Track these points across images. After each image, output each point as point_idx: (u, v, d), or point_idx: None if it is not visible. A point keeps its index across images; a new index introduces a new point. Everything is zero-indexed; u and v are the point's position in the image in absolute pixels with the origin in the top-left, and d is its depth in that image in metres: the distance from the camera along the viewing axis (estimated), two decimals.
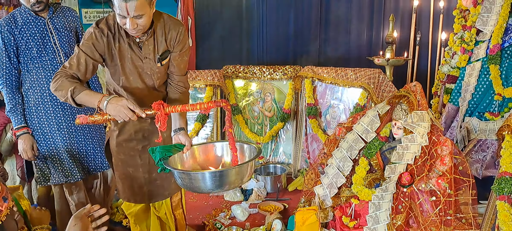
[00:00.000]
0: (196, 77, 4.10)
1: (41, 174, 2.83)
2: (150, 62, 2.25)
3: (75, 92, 2.01)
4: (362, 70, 3.66)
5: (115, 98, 1.94)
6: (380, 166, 2.75)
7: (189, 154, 2.20)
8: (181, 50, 2.29)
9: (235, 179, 1.98)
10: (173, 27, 2.24)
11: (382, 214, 2.44)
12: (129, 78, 2.27)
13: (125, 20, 2.01)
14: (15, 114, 2.72)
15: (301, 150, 4.02)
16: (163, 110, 1.94)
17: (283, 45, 4.84)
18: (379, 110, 2.79)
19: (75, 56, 2.13)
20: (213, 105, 1.96)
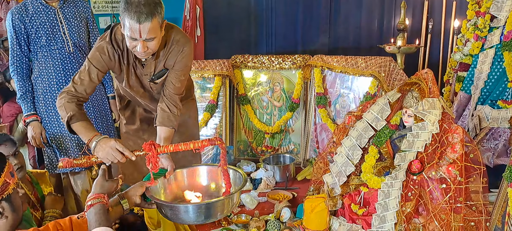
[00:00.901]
0: (205, 67, 4.09)
1: (49, 161, 2.87)
2: (147, 78, 2.28)
3: (72, 119, 2.02)
4: (373, 58, 3.62)
5: (104, 139, 1.91)
6: (390, 154, 2.72)
7: (173, 179, 2.14)
8: (179, 70, 2.23)
9: (221, 211, 1.92)
10: (177, 45, 2.19)
11: (391, 202, 2.41)
12: (132, 87, 2.34)
13: (136, 43, 1.99)
14: (25, 101, 2.75)
15: (310, 140, 4.00)
16: (155, 151, 1.88)
17: (292, 34, 4.80)
18: (389, 98, 2.76)
19: (86, 71, 2.14)
20: (207, 144, 1.89)
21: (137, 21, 1.90)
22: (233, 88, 4.17)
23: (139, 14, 1.89)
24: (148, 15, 1.90)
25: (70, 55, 2.79)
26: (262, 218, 2.90)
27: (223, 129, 4.10)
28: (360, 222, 2.53)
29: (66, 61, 2.78)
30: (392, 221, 2.39)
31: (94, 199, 1.71)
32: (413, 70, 4.26)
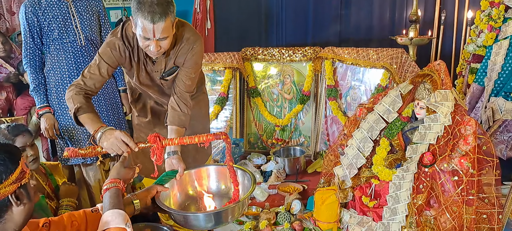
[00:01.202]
0: (215, 60, 4.09)
1: (61, 153, 2.90)
2: (158, 75, 2.28)
3: (79, 111, 2.01)
4: (384, 50, 3.59)
5: (110, 130, 1.90)
6: (402, 146, 2.70)
7: (184, 180, 2.14)
8: (189, 68, 2.22)
9: (232, 216, 1.92)
10: (187, 43, 2.19)
11: (402, 194, 2.40)
12: (142, 83, 2.34)
13: (149, 42, 1.99)
14: (38, 93, 2.78)
15: (320, 132, 3.99)
16: (160, 144, 1.87)
17: (302, 26, 4.78)
18: (401, 90, 2.74)
19: (96, 65, 2.15)
20: (212, 138, 1.87)
21: (151, 21, 1.90)
22: (243, 81, 4.17)
23: (153, 14, 1.89)
24: (162, 15, 1.90)
25: (82, 49, 2.81)
26: (273, 210, 2.91)
27: (233, 121, 4.11)
28: (371, 214, 2.52)
29: (78, 55, 2.80)
30: (403, 213, 2.38)
31: (110, 183, 1.76)
32: (425, 62, 4.21)
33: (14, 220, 1.32)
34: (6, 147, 1.34)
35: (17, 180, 1.30)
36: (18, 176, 1.30)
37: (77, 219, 1.65)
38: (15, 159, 1.31)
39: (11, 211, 1.30)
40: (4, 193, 1.27)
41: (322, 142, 3.97)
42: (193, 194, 2.17)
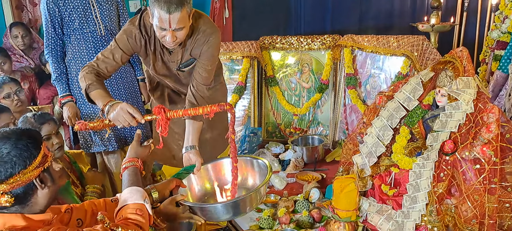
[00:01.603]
0: (233, 49, 4.09)
1: (84, 141, 2.95)
2: (174, 66, 2.30)
3: (90, 88, 2.05)
4: (405, 37, 3.52)
5: (117, 103, 1.93)
6: (422, 134, 2.66)
7: (200, 175, 2.15)
8: (205, 60, 2.22)
9: (250, 206, 1.94)
10: (203, 35, 2.19)
11: (423, 182, 2.37)
12: (158, 72, 2.37)
13: (165, 33, 2.01)
14: (60, 83, 2.83)
15: (339, 121, 3.96)
16: (164, 115, 1.88)
17: (321, 14, 4.73)
18: (422, 78, 2.69)
19: (110, 50, 2.18)
20: (217, 109, 1.86)
21: (167, 12, 1.91)
22: (261, 70, 4.16)
23: (169, 4, 1.90)
24: (178, 5, 1.91)
25: (101, 39, 2.85)
26: (291, 198, 2.91)
27: (251, 110, 4.11)
28: (390, 203, 2.51)
29: (98, 44, 2.83)
30: (423, 202, 2.36)
31: (128, 162, 1.82)
32: (447, 50, 4.12)
33: (39, 203, 1.36)
34: (27, 132, 1.36)
35: (40, 164, 1.33)
36: (41, 160, 1.33)
37: (97, 206, 1.68)
38: (37, 143, 1.34)
39: (36, 194, 1.34)
40: (29, 177, 1.30)
41: (340, 131, 3.94)
42: (211, 188, 2.19)
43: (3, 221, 1.28)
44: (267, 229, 2.61)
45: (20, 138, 1.31)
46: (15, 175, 1.27)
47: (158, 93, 2.62)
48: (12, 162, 1.27)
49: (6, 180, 1.26)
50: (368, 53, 3.72)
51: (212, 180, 2.21)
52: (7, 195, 1.27)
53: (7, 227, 1.27)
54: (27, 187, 1.31)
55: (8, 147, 1.28)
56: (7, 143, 1.28)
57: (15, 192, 1.29)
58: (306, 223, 2.62)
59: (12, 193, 1.28)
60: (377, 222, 2.46)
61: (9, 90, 2.94)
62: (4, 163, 1.26)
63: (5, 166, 1.26)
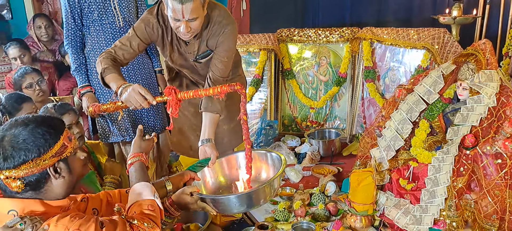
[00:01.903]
0: (250, 41, 4.08)
1: (102, 131, 2.98)
2: (191, 57, 2.30)
3: (105, 71, 2.07)
4: (426, 30, 3.46)
5: (129, 85, 1.94)
6: (442, 128, 2.61)
7: (214, 169, 2.16)
8: (221, 51, 2.21)
9: (264, 198, 1.93)
10: (219, 26, 2.17)
11: (442, 177, 2.33)
12: (175, 63, 2.38)
13: (179, 24, 2.01)
14: (79, 73, 2.86)
15: (356, 115, 3.92)
16: (175, 96, 1.88)
17: (339, 6, 4.67)
18: (443, 71, 2.63)
19: (128, 38, 2.20)
20: (227, 89, 1.87)
21: (180, 2, 1.92)
22: (278, 62, 4.14)
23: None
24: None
25: (120, 30, 2.86)
26: (307, 191, 2.90)
27: (268, 103, 4.09)
28: (408, 197, 2.47)
29: (117, 36, 2.84)
30: (442, 196, 2.32)
31: (133, 157, 1.83)
32: (469, 43, 4.02)
33: (55, 192, 1.36)
34: (49, 121, 1.37)
35: (57, 154, 1.33)
36: (58, 150, 1.33)
37: (112, 197, 1.70)
38: (56, 133, 1.34)
39: (50, 182, 1.34)
40: (43, 165, 1.30)
41: (358, 124, 3.90)
42: (224, 182, 2.19)
43: (22, 206, 1.29)
44: (283, 221, 2.60)
45: (39, 125, 1.31)
46: (28, 162, 1.28)
47: (177, 84, 2.63)
48: (27, 149, 1.28)
49: (19, 166, 1.27)
50: (388, 46, 3.66)
51: (226, 174, 2.21)
52: (19, 181, 1.28)
53: (26, 212, 1.29)
54: (40, 175, 1.31)
55: (25, 134, 1.29)
56: (25, 129, 1.29)
57: (28, 179, 1.30)
58: (322, 216, 2.60)
59: (24, 179, 1.29)
60: (395, 216, 2.42)
61: (31, 80, 2.98)
62: (19, 149, 1.27)
63: (19, 152, 1.27)
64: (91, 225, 1.30)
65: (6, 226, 1.24)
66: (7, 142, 1.28)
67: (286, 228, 2.51)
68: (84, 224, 1.29)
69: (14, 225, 1.23)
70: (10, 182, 1.28)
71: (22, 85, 2.99)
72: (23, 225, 1.23)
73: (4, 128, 1.32)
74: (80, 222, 1.28)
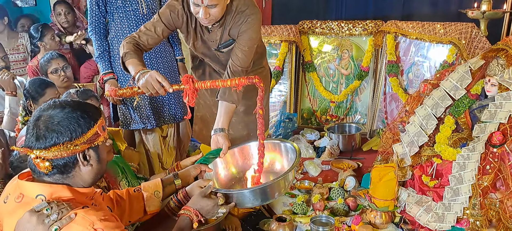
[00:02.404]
0: (272, 33, 4.04)
1: (123, 118, 3.00)
2: (213, 46, 2.29)
3: (126, 56, 2.08)
4: (453, 24, 3.37)
5: (147, 71, 1.94)
6: (468, 125, 2.54)
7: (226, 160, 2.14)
8: (242, 41, 2.18)
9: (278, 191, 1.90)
10: (241, 15, 2.15)
11: (467, 174, 2.26)
12: (198, 50, 2.37)
13: (199, 9, 2.01)
14: (102, 60, 2.88)
15: (378, 110, 3.86)
16: (192, 85, 1.87)
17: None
18: (471, 66, 2.56)
19: (153, 23, 2.20)
20: (245, 82, 1.84)
21: None
22: (299, 55, 4.09)
23: None
24: None
25: (144, 17, 2.87)
26: (326, 186, 2.87)
27: (287, 96, 4.06)
28: (430, 194, 2.41)
29: (140, 23, 2.85)
30: (466, 195, 2.26)
31: (188, 211, 1.67)
32: (497, 38, 3.92)
33: (83, 178, 1.37)
34: (85, 107, 1.37)
35: (89, 141, 1.33)
36: (90, 138, 1.33)
37: (121, 197, 1.70)
38: (90, 120, 1.34)
39: (78, 168, 1.34)
40: (73, 150, 1.30)
41: (379, 119, 3.84)
42: (237, 173, 2.18)
43: (51, 191, 1.30)
44: (301, 214, 2.58)
45: (75, 110, 1.32)
46: (59, 145, 1.28)
47: (200, 72, 2.63)
48: (59, 131, 1.28)
49: (49, 147, 1.28)
50: (412, 40, 3.58)
51: (238, 165, 2.19)
52: (47, 162, 1.29)
53: (53, 197, 1.30)
54: (68, 160, 1.31)
55: (60, 116, 1.29)
56: (61, 112, 1.30)
57: (56, 161, 1.30)
58: (341, 210, 2.56)
59: (53, 162, 1.29)
60: (416, 213, 2.37)
61: (57, 66, 3.02)
62: (52, 130, 1.28)
63: (52, 134, 1.28)
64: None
65: (34, 210, 1.24)
66: (42, 122, 1.29)
67: (304, 221, 2.48)
68: (109, 228, 1.28)
69: (41, 210, 1.24)
70: (39, 162, 1.29)
71: (47, 70, 3.02)
72: (49, 210, 1.24)
73: (42, 108, 1.33)
74: (107, 225, 1.28)
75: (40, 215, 1.23)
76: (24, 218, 1.24)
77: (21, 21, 4.18)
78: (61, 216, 1.24)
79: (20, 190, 1.33)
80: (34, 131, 1.29)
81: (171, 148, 3.18)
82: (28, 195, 1.31)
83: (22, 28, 4.12)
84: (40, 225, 1.22)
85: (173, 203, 1.79)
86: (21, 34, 4.00)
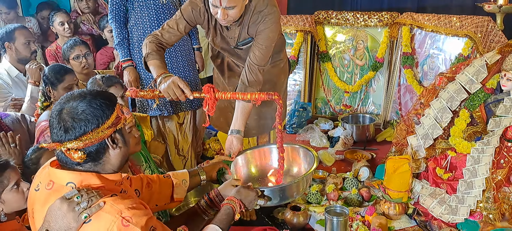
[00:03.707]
0: (287, 22, 4.06)
1: (141, 105, 3.06)
2: (232, 43, 2.34)
3: (149, 57, 2.13)
4: (469, 17, 3.36)
5: (170, 76, 1.98)
6: (483, 119, 2.56)
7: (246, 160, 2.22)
8: (260, 40, 2.21)
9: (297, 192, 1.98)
10: (259, 15, 2.18)
11: (481, 168, 2.29)
12: (217, 46, 2.43)
13: (217, 10, 2.04)
14: (122, 47, 2.93)
15: (392, 101, 3.88)
16: (213, 95, 1.91)
17: None
18: (487, 60, 2.57)
19: (175, 21, 2.24)
20: (264, 97, 1.90)
21: None
22: (314, 45, 4.11)
23: None
24: None
25: (163, 6, 2.90)
26: (340, 176, 2.90)
27: (302, 85, 4.09)
28: (444, 187, 2.45)
29: (160, 12, 2.89)
30: (480, 188, 2.29)
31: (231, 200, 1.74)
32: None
33: (111, 162, 1.41)
34: (103, 93, 1.41)
35: (113, 124, 1.37)
36: (114, 121, 1.37)
37: (152, 181, 1.76)
38: (111, 104, 1.38)
39: (108, 153, 1.38)
40: (101, 136, 1.34)
41: (393, 111, 3.86)
42: (256, 173, 2.24)
43: (81, 179, 1.34)
44: (315, 204, 2.62)
45: (95, 97, 1.35)
46: (88, 133, 1.32)
47: (219, 61, 2.67)
48: (86, 120, 1.31)
49: (80, 137, 1.31)
50: (428, 33, 3.58)
51: (258, 166, 2.26)
52: (80, 152, 1.32)
53: (83, 184, 1.33)
54: (99, 146, 1.35)
55: (83, 105, 1.32)
56: (83, 101, 1.33)
57: (88, 149, 1.34)
58: (355, 201, 2.61)
59: (85, 150, 1.33)
60: (429, 205, 2.41)
61: (79, 52, 3.03)
62: (79, 120, 1.31)
63: (80, 123, 1.31)
64: (143, 219, 1.32)
65: (64, 198, 1.28)
66: (66, 114, 1.32)
67: (318, 210, 2.53)
68: (138, 216, 1.31)
69: (71, 197, 1.28)
70: (72, 153, 1.32)
71: (70, 56, 3.04)
72: (79, 198, 1.27)
73: (60, 102, 1.36)
74: (135, 213, 1.31)
75: (71, 202, 1.27)
76: (55, 205, 1.28)
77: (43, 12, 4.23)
78: (91, 204, 1.28)
79: (51, 177, 1.37)
80: (60, 124, 1.32)
81: (187, 135, 3.24)
82: (59, 183, 1.35)
83: (41, 16, 4.18)
84: (70, 213, 1.26)
85: (205, 202, 1.84)
86: (28, 18, 4.07)
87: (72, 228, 1.27)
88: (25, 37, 3.06)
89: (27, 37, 3.07)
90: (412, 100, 3.55)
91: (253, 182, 2.18)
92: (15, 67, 3.09)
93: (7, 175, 1.67)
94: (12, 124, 2.60)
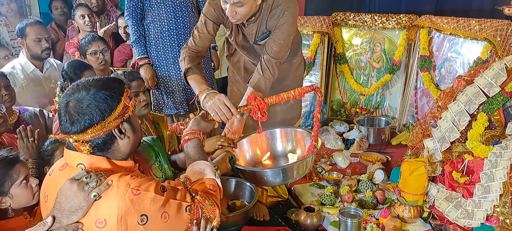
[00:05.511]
0: (304, 24, 4.06)
1: (156, 103, 3.09)
2: (251, 39, 2.36)
3: (188, 72, 2.18)
4: (488, 21, 3.31)
5: (214, 93, 2.01)
6: (502, 122, 2.52)
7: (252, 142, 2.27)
8: (279, 33, 2.22)
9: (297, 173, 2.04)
10: (277, 9, 2.20)
11: (498, 172, 2.26)
12: (239, 45, 2.45)
13: (226, 6, 2.07)
14: (138, 45, 2.97)
15: (408, 104, 3.84)
16: (262, 102, 1.98)
17: None
18: (507, 63, 2.53)
19: (203, 24, 2.29)
20: (306, 90, 2.01)
21: None
22: (331, 46, 4.10)
23: None
24: None
25: (180, 4, 2.94)
26: (354, 178, 2.89)
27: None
28: (460, 191, 2.41)
29: (177, 10, 2.93)
30: (497, 192, 2.25)
31: (191, 134, 1.84)
32: None
33: (121, 151, 1.43)
34: (108, 83, 1.40)
35: (120, 115, 1.38)
36: (120, 112, 1.38)
37: None
38: (117, 95, 1.38)
39: (116, 143, 1.40)
40: (108, 128, 1.35)
41: (409, 114, 3.82)
42: (261, 155, 2.29)
43: (91, 161, 1.37)
44: (329, 205, 2.61)
45: (100, 89, 1.35)
46: (94, 126, 1.33)
47: (235, 59, 2.69)
48: (91, 113, 1.33)
49: (85, 130, 1.33)
50: (446, 36, 3.54)
51: (263, 148, 2.30)
52: (87, 144, 1.35)
53: (93, 167, 1.36)
54: (106, 137, 1.37)
55: (88, 99, 1.33)
56: (88, 94, 1.34)
57: (95, 141, 1.36)
58: (369, 203, 2.59)
59: (92, 143, 1.35)
60: (445, 209, 2.38)
61: (97, 48, 3.06)
62: (83, 114, 1.32)
63: (84, 117, 1.32)
64: (152, 184, 1.35)
65: (74, 179, 1.31)
66: (72, 108, 1.34)
67: (332, 212, 2.52)
68: (145, 182, 1.34)
69: (81, 178, 1.30)
70: (78, 145, 1.35)
71: (87, 51, 3.07)
72: (88, 178, 1.30)
73: (67, 93, 1.37)
74: (141, 181, 1.34)
75: (80, 182, 1.29)
76: (65, 185, 1.31)
77: (54, 3, 4.30)
78: (100, 183, 1.30)
79: (65, 159, 1.41)
80: (67, 117, 1.34)
81: None
82: (71, 164, 1.38)
83: (55, 10, 4.26)
84: (80, 192, 1.28)
85: None
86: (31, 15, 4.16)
87: (83, 207, 1.30)
88: (36, 33, 3.06)
89: (38, 34, 3.07)
90: (429, 104, 3.51)
91: (257, 164, 2.26)
92: (32, 63, 3.12)
93: (16, 169, 1.70)
94: (30, 119, 2.65)
